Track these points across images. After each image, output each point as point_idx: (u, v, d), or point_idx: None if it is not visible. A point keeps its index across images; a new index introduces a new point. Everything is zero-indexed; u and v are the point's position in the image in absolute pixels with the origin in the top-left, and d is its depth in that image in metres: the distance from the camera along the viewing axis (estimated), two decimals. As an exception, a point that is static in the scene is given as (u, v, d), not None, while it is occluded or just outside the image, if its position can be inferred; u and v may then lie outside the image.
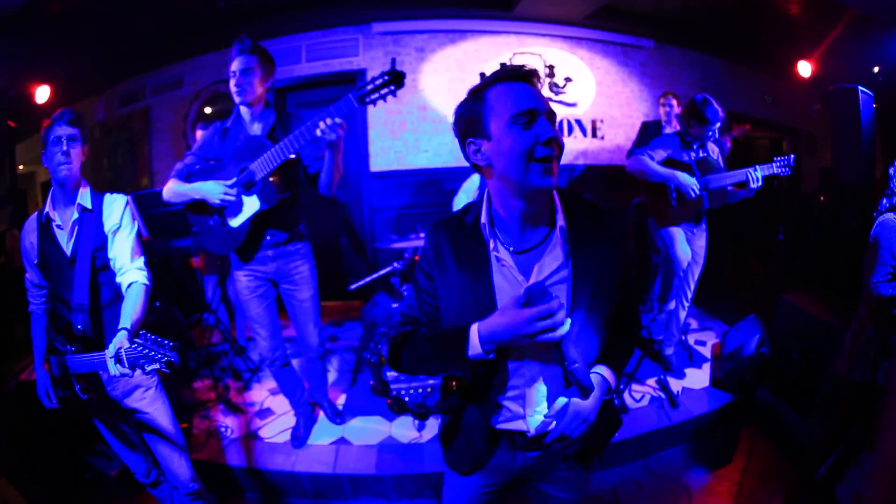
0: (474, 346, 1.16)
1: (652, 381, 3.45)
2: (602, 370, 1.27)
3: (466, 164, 1.23)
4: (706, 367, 3.71)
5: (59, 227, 1.91)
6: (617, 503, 2.73)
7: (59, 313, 1.95)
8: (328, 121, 2.10)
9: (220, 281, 3.81)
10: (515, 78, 1.14)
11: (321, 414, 3.15)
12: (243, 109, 2.44)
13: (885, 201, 2.12)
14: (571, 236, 1.22)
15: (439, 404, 1.43)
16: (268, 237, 2.52)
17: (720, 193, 3.26)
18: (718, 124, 3.15)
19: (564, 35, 4.88)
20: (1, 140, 3.05)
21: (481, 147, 1.16)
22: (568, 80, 5.04)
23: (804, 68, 4.04)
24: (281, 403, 3.25)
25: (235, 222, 2.45)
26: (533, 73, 1.15)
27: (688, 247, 3.37)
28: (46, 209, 1.92)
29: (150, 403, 2.04)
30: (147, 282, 1.92)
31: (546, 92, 5.06)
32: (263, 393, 3.46)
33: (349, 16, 4.37)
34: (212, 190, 2.35)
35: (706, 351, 3.94)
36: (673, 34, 4.87)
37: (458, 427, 1.43)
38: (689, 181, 3.16)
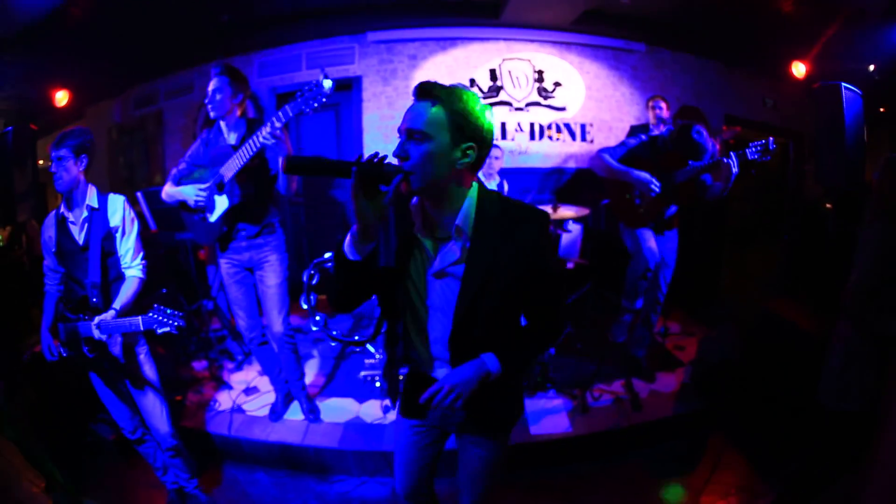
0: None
1: (619, 383, 3.46)
2: (486, 357, 1.43)
3: None
4: (680, 371, 3.67)
5: (72, 223, 2.35)
6: (570, 500, 2.80)
7: (73, 291, 2.40)
8: (265, 130, 2.46)
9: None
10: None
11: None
12: (221, 122, 2.81)
13: None
14: (473, 233, 1.38)
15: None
16: (241, 230, 2.88)
17: (690, 189, 3.21)
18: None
19: (553, 40, 4.93)
20: (24, 141, 3.44)
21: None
22: (557, 84, 5.08)
23: (798, 69, 3.90)
24: (267, 383, 3.52)
25: (213, 217, 2.84)
26: (419, 91, 1.33)
27: (654, 247, 3.36)
28: (62, 210, 2.37)
29: (144, 361, 2.49)
30: (142, 275, 2.43)
31: (535, 96, 5.11)
32: (252, 374, 3.77)
33: (346, 25, 4.64)
34: (188, 193, 2.80)
35: (684, 356, 3.89)
36: (665, 37, 4.81)
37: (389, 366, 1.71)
38: (647, 177, 3.16)
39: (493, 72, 5.02)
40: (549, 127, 5.10)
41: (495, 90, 5.05)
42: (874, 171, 2.09)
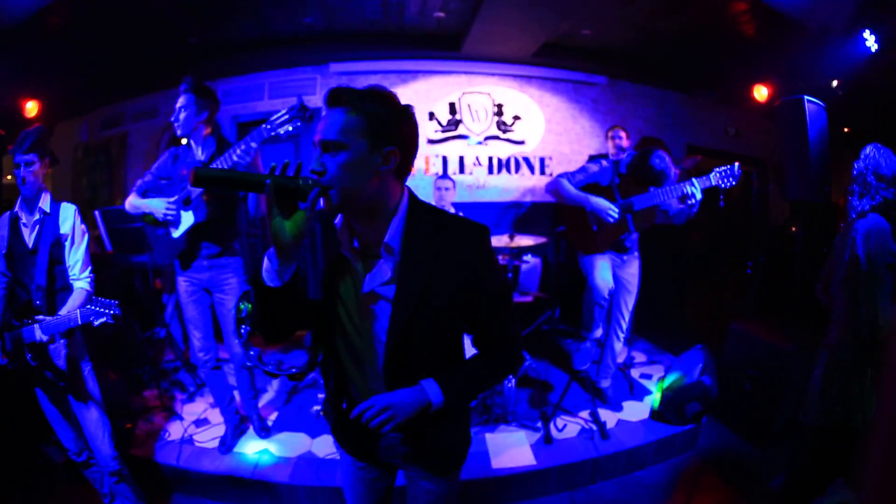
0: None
1: (584, 413, 3.38)
2: (426, 384, 1.30)
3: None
4: (648, 400, 3.60)
5: (24, 224, 2.36)
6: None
7: (18, 296, 2.38)
8: (241, 147, 2.46)
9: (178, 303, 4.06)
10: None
11: (251, 427, 3.28)
12: (190, 140, 2.78)
13: (860, 202, 1.99)
14: (404, 249, 1.27)
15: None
16: (203, 249, 2.83)
17: (648, 215, 3.19)
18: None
19: (513, 73, 5.00)
20: None
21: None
22: (516, 118, 5.13)
23: (760, 92, 3.96)
24: (218, 416, 3.36)
25: (176, 233, 2.80)
26: (329, 98, 1.22)
27: (609, 275, 3.30)
28: (17, 210, 2.37)
29: (88, 376, 2.47)
30: (90, 289, 2.41)
31: (494, 130, 5.14)
32: (204, 405, 3.63)
33: (309, 56, 4.69)
34: (157, 206, 2.75)
35: (652, 385, 3.83)
36: (625, 69, 4.90)
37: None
38: (604, 205, 3.12)
39: (452, 105, 5.07)
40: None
41: (454, 123, 5.08)
42: (841, 190, 2.10)
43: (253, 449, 3.10)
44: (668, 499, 2.88)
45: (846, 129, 3.29)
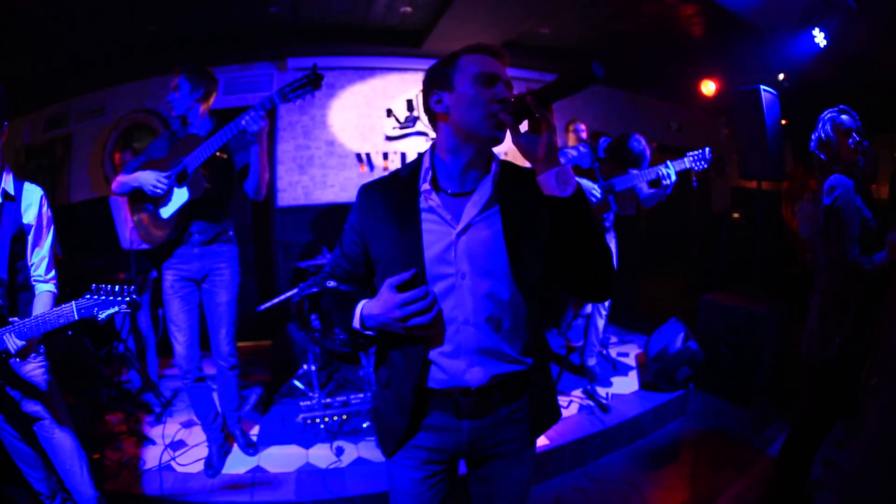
0: (356, 319, 1.23)
1: (577, 392, 3.45)
2: None
3: None
4: (632, 374, 3.78)
5: None
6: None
7: None
8: (252, 112, 2.25)
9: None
10: (487, 51, 1.26)
11: (235, 445, 2.99)
12: (186, 119, 2.59)
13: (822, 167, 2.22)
14: (502, 182, 1.29)
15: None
16: (196, 233, 2.58)
17: (629, 195, 3.34)
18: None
19: None
20: None
21: (443, 98, 1.26)
22: None
23: (708, 87, 4.34)
24: (194, 436, 3.10)
25: (166, 213, 2.54)
26: (502, 52, 1.27)
27: None
28: None
29: (59, 397, 2.08)
30: (56, 291, 2.07)
31: None
32: (176, 426, 3.25)
33: (266, 51, 4.53)
34: (147, 179, 2.47)
35: (630, 361, 4.01)
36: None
37: (385, 397, 1.38)
38: (588, 185, 3.23)
39: (409, 102, 5.06)
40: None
41: (412, 120, 5.08)
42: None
43: (244, 468, 2.82)
44: (678, 459, 3.02)
45: (784, 122, 3.67)
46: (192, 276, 2.66)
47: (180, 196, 2.50)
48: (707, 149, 3.12)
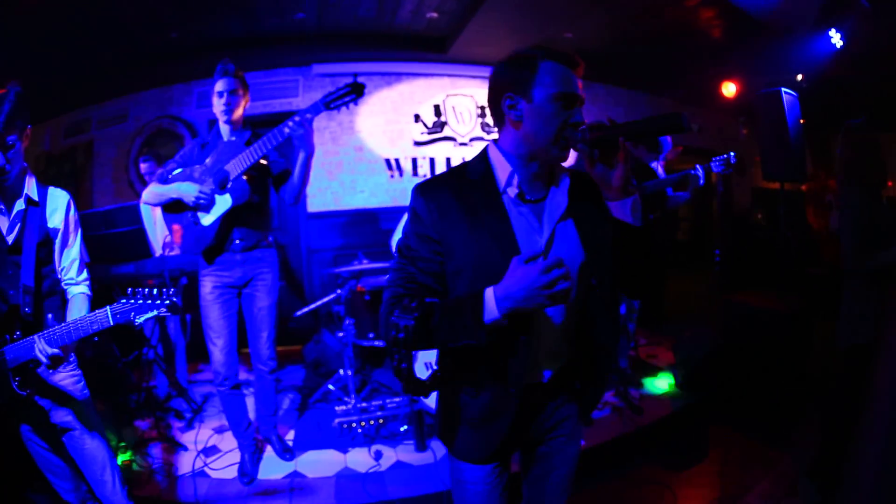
0: (490, 309, 1.12)
1: (609, 394, 3.43)
2: None
3: (401, 204, 1.31)
4: (662, 375, 3.76)
5: (1, 209, 1.84)
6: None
7: None
8: (296, 118, 2.29)
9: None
10: (568, 63, 1.23)
11: (269, 449, 2.97)
12: (224, 127, 2.58)
13: None
14: (574, 191, 1.30)
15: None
16: (236, 240, 2.57)
17: (658, 200, 3.36)
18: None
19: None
20: None
21: (519, 105, 1.23)
22: None
23: (728, 88, 4.35)
24: (227, 442, 3.06)
25: (207, 220, 2.52)
26: (579, 63, 1.25)
27: None
28: None
29: (87, 417, 1.99)
30: (90, 293, 2.01)
31: (478, 132, 5.26)
32: (208, 432, 3.23)
33: (291, 57, 4.53)
34: (188, 189, 2.45)
35: (659, 362, 4.01)
36: (599, 72, 5.18)
37: (472, 407, 1.35)
38: None
39: (437, 107, 5.10)
40: None
41: (440, 125, 5.11)
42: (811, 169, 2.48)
43: (280, 474, 2.78)
44: (706, 459, 3.00)
45: (802, 121, 3.69)
46: (233, 283, 2.65)
47: (223, 203, 2.49)
48: (732, 153, 3.14)
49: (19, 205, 1.85)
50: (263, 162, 2.54)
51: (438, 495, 2.58)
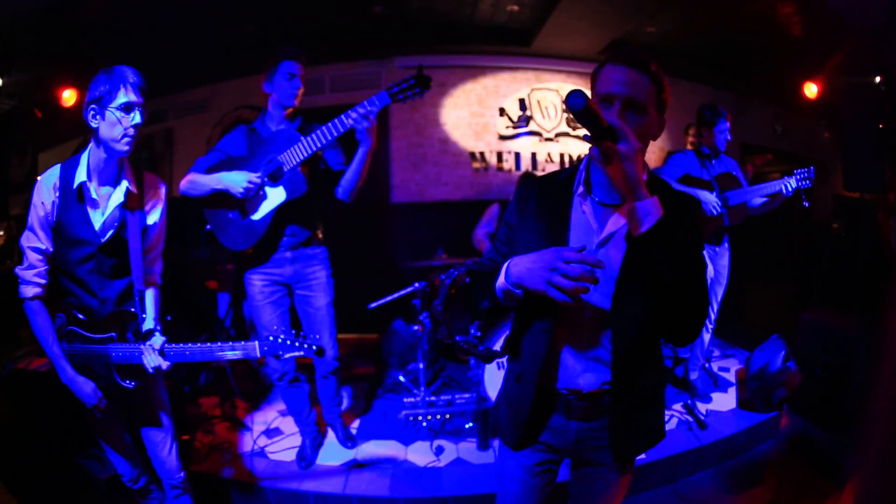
0: (500, 279, 1.21)
1: (678, 406, 3.34)
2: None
3: (485, 198, 1.34)
4: (731, 391, 3.61)
5: (92, 200, 1.76)
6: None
7: (79, 299, 1.82)
8: (360, 110, 2.16)
9: (233, 301, 3.73)
10: (616, 61, 1.21)
11: (330, 435, 3.01)
12: (276, 113, 2.44)
13: None
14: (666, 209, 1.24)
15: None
16: (288, 235, 2.47)
17: (741, 209, 3.20)
18: (727, 123, 3.18)
19: (580, 71, 4.97)
20: (27, 125, 3.11)
21: None
22: None
23: (810, 89, 4.07)
24: (290, 424, 3.11)
25: (257, 215, 2.38)
26: (629, 58, 1.19)
27: (709, 264, 3.29)
28: (81, 177, 1.74)
29: (157, 387, 2.01)
30: (161, 281, 2.04)
31: (563, 127, 5.12)
32: (273, 413, 3.33)
33: (373, 49, 4.53)
34: (235, 179, 2.27)
35: (730, 377, 3.83)
36: (683, 68, 4.94)
37: (512, 390, 1.45)
38: (709, 198, 3.08)
39: (522, 101, 5.03)
40: None
41: (525, 120, 5.05)
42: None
43: (338, 461, 2.82)
44: (759, 485, 2.90)
45: (881, 126, 3.39)
46: (283, 281, 2.56)
47: (276, 196, 2.34)
48: (812, 168, 2.99)
49: (119, 197, 1.79)
50: (318, 153, 2.37)
51: (493, 496, 2.57)
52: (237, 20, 3.77)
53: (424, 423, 3.07)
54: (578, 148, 5.15)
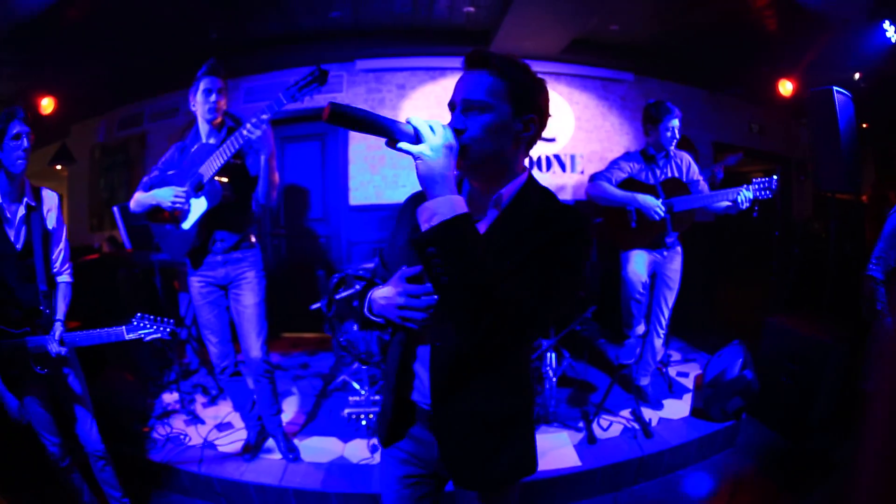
0: (366, 304, 1.29)
1: (626, 412, 3.29)
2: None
3: None
4: (687, 398, 3.52)
5: (7, 219, 2.09)
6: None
7: (4, 303, 2.11)
8: (253, 120, 2.28)
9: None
10: (463, 68, 1.25)
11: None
12: (203, 127, 2.59)
13: None
14: (504, 216, 1.23)
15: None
16: (218, 241, 2.62)
17: (686, 217, 3.10)
18: (674, 121, 3.06)
19: (543, 71, 4.70)
20: None
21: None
22: None
23: (785, 87, 3.93)
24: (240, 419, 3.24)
25: (187, 224, 2.58)
26: (468, 60, 1.23)
27: (643, 269, 3.20)
28: None
29: (74, 370, 2.35)
30: (72, 279, 2.32)
31: None
32: (227, 408, 3.46)
33: (334, 53, 4.61)
34: (164, 194, 2.50)
35: (689, 382, 3.74)
36: (652, 66, 4.88)
37: (383, 393, 1.50)
38: (652, 203, 3.00)
39: None
40: None
41: None
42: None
43: (279, 455, 2.94)
44: (710, 498, 2.82)
45: (865, 125, 3.23)
46: (218, 282, 2.71)
47: (199, 206, 2.52)
48: (774, 178, 2.82)
49: (22, 210, 2.12)
50: (238, 162, 2.53)
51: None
52: (202, 28, 3.89)
53: (364, 422, 3.14)
54: (538, 149, 5.05)
